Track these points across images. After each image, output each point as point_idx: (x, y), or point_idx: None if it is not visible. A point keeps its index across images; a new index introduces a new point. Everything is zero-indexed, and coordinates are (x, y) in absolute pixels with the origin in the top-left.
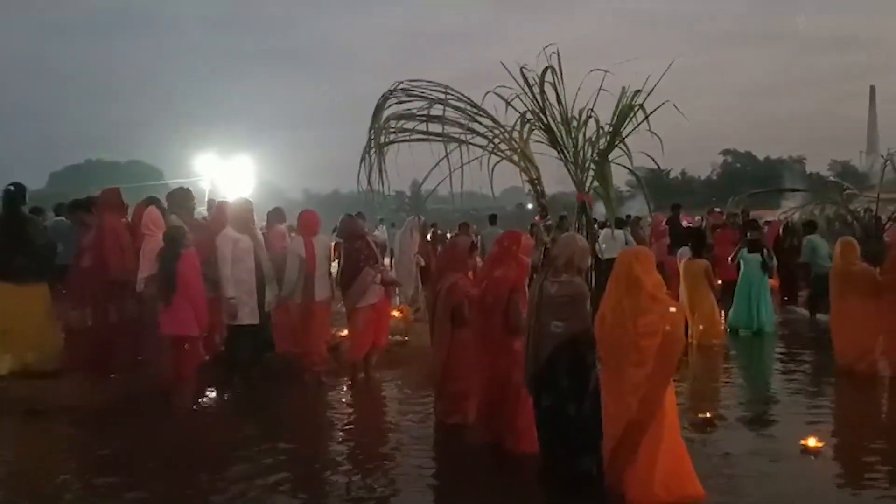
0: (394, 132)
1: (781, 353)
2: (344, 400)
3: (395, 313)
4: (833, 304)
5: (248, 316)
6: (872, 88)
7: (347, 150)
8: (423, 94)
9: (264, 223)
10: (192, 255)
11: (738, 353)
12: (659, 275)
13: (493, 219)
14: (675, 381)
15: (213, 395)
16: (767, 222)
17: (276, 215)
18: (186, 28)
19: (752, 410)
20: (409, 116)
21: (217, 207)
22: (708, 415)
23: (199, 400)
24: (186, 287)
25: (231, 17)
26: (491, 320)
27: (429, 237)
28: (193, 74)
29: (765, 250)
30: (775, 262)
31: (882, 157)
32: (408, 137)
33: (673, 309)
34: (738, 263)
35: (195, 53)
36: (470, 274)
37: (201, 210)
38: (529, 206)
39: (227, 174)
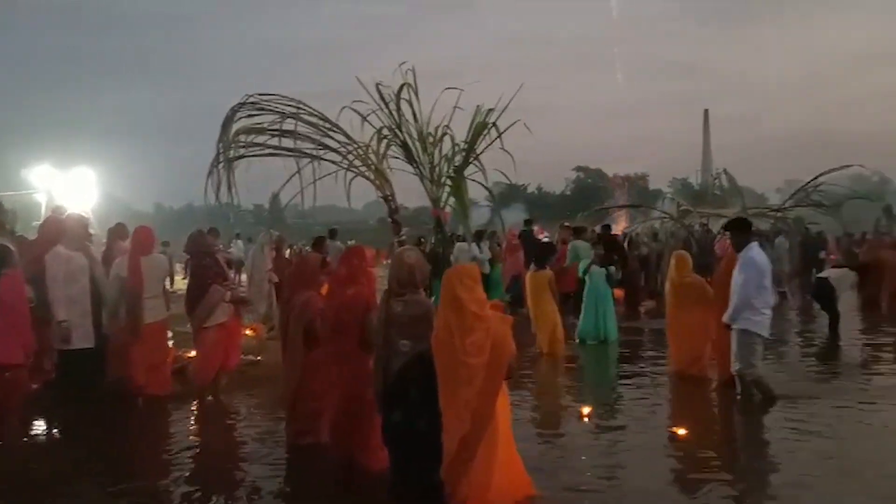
0: (243, 146)
1: (624, 360)
2: (191, 425)
3: (248, 332)
4: (668, 314)
5: (81, 339)
6: (706, 112)
7: (202, 161)
8: (274, 108)
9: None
10: (16, 276)
11: (585, 361)
12: (483, 291)
13: (332, 233)
14: (515, 389)
15: (44, 425)
16: (615, 235)
17: (118, 231)
18: (18, 28)
19: (599, 412)
20: (260, 130)
21: (46, 223)
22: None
23: (28, 431)
24: (8, 311)
25: (72, 16)
26: (345, 338)
27: (288, 253)
28: (26, 78)
29: (612, 266)
30: (620, 274)
31: (711, 175)
32: (259, 152)
33: (497, 324)
34: (584, 277)
35: (28, 55)
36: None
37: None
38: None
39: (65, 187)
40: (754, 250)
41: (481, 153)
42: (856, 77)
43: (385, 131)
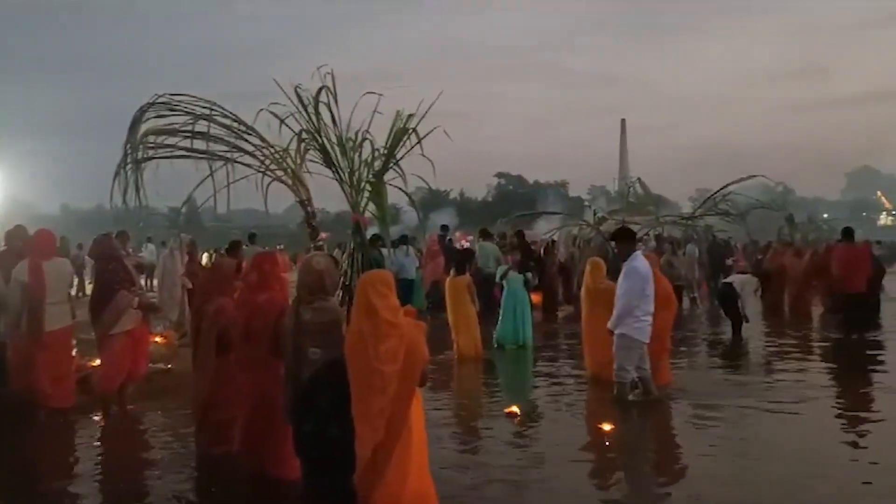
0: (153, 147)
1: (542, 363)
2: (95, 437)
3: (158, 339)
4: (583, 319)
5: None
6: (623, 122)
7: (112, 162)
8: (186, 109)
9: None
10: None
11: (503, 365)
12: (396, 298)
13: (252, 237)
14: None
15: None
16: (532, 242)
17: (16, 233)
18: None
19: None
20: (171, 132)
21: None
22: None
23: None
24: None
25: None
26: (256, 346)
27: (206, 258)
28: None
29: (529, 272)
30: (536, 280)
31: (626, 184)
32: (169, 154)
33: (411, 330)
34: (503, 282)
35: None
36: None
37: None
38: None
39: None
40: (638, 259)
41: (401, 158)
42: (762, 92)
43: (304, 135)
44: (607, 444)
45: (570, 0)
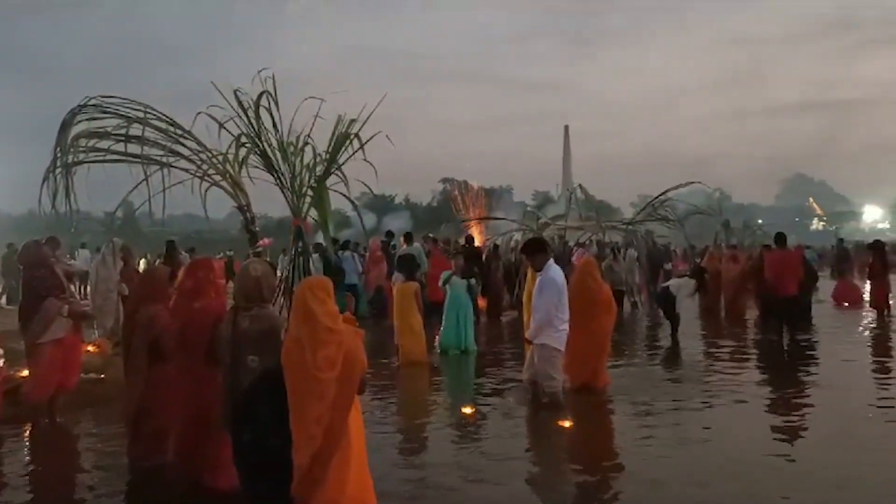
0: (84, 151)
1: (485, 368)
2: (25, 450)
3: (90, 348)
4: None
5: None
6: (567, 128)
7: (44, 165)
8: (119, 112)
9: None
10: None
11: (447, 370)
12: (335, 304)
13: (171, 245)
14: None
15: None
16: (478, 247)
17: None
18: None
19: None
20: (104, 135)
21: None
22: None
23: None
24: None
25: None
26: (191, 354)
27: (142, 264)
28: None
29: (472, 278)
30: (480, 286)
31: (567, 190)
32: (102, 158)
33: (349, 337)
34: (446, 287)
35: None
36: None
37: None
38: (258, 229)
39: None
40: (553, 270)
41: (343, 164)
42: (700, 100)
43: (244, 139)
44: (553, 442)
45: (511, 8)
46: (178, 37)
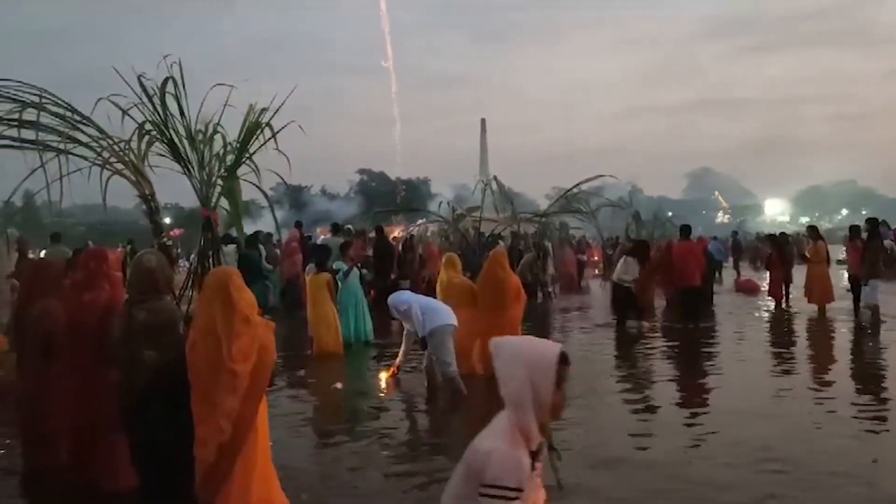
0: None
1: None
2: None
3: None
4: None
5: None
6: (483, 121)
7: None
8: (12, 96)
9: None
10: None
11: (352, 361)
12: (252, 294)
13: (55, 237)
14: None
15: None
16: (395, 238)
17: None
18: None
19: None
20: None
21: None
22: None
23: None
24: None
25: None
26: (82, 349)
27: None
28: None
29: (364, 269)
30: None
31: (482, 182)
32: None
33: (262, 330)
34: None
35: None
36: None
37: None
38: (167, 220)
39: None
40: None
41: (255, 153)
42: (610, 96)
43: (148, 126)
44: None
45: (422, 2)
46: (75, 16)
